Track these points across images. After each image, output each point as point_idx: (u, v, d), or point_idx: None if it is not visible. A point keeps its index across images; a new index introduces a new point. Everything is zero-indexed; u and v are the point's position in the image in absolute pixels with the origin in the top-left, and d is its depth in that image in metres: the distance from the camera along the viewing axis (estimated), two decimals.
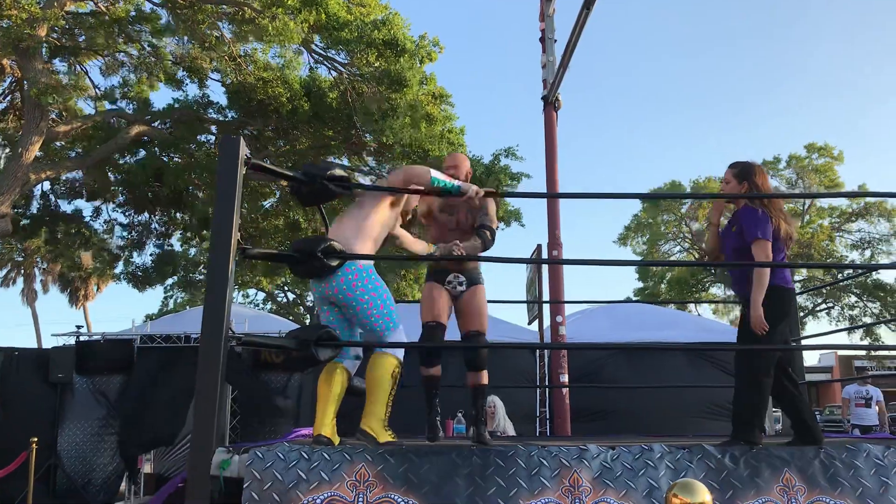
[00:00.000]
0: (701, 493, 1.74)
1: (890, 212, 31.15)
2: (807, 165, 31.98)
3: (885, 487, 3.15)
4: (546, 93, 8.18)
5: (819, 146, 32.13)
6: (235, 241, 3.25)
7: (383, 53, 13.89)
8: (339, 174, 3.71)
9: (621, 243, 34.91)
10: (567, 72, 7.78)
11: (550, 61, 8.16)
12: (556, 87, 7.99)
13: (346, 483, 2.94)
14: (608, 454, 3.14)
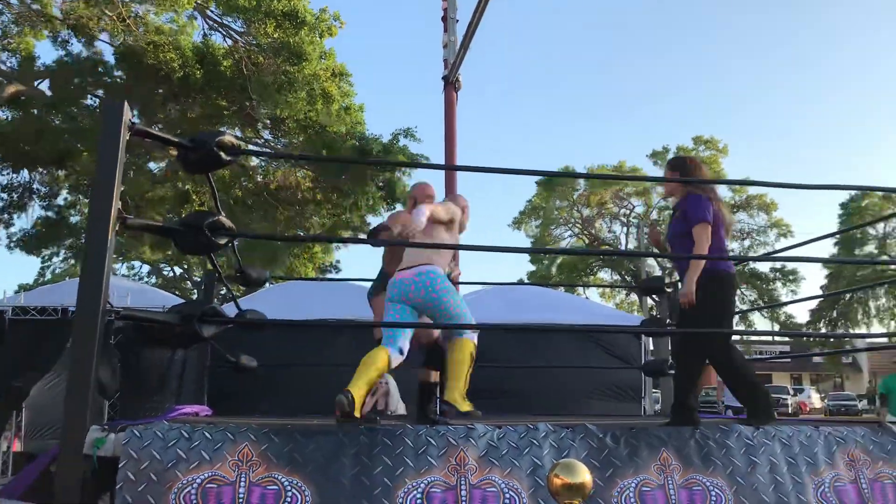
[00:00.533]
0: (581, 473, 1.77)
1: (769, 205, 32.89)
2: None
3: (753, 466, 3.31)
4: (447, 73, 8.16)
5: (706, 139, 33.55)
6: (116, 210, 3.08)
7: (282, 24, 13.57)
8: (229, 141, 3.56)
9: (515, 227, 35.52)
10: (469, 53, 7.78)
11: (452, 41, 8.13)
12: (456, 68, 7.98)
13: (227, 463, 2.85)
14: (494, 433, 3.17)
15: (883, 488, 3.40)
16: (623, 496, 3.09)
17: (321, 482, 2.89)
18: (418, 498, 2.91)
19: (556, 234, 34.66)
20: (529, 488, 3.01)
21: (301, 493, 2.85)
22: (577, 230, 35.15)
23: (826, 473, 3.39)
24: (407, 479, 2.95)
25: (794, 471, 3.34)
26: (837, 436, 3.54)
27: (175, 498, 2.76)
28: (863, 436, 3.58)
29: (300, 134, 15.01)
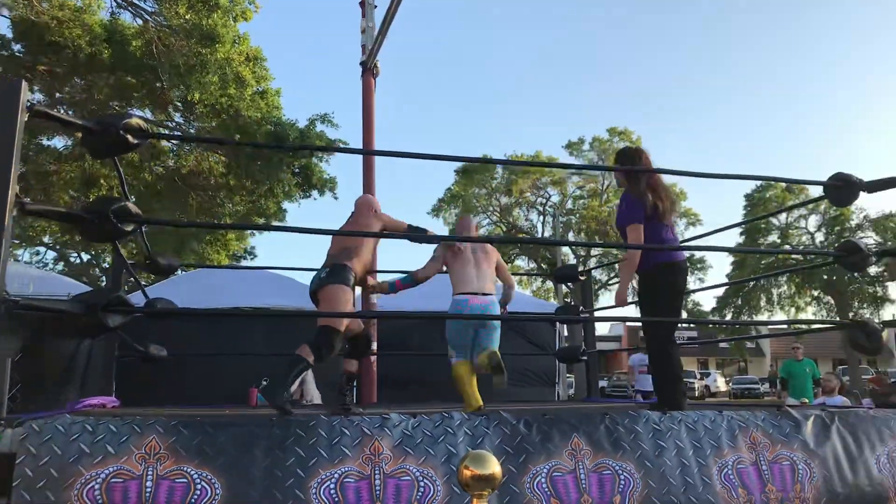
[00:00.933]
0: (491, 465, 1.78)
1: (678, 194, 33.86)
2: (608, 147, 34.02)
3: (661, 450, 3.41)
4: (364, 58, 8.09)
5: (620, 130, 34.29)
6: (13, 193, 2.93)
7: (194, 6, 13.16)
8: (136, 124, 3.42)
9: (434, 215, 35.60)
10: (387, 39, 7.73)
11: (370, 27, 8.07)
12: (374, 54, 7.92)
13: (134, 456, 2.77)
14: (409, 422, 3.17)
15: (781, 469, 3.55)
16: (535, 482, 3.14)
17: (232, 475, 2.83)
18: (332, 489, 2.89)
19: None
20: (444, 476, 3.03)
21: (211, 487, 2.79)
22: (495, 218, 35.47)
23: (729, 456, 3.52)
24: (321, 470, 2.92)
25: (699, 454, 3.46)
26: (739, 420, 3.68)
27: (77, 494, 2.66)
28: (763, 419, 3.73)
29: (213, 118, 14.62)
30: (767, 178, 5.08)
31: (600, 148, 34.29)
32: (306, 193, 16.77)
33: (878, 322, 4.31)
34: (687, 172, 4.54)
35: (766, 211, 30.84)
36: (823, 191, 4.58)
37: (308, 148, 17.23)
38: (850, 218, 32.83)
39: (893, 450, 3.84)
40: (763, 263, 30.39)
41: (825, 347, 42.62)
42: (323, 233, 3.85)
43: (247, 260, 24.84)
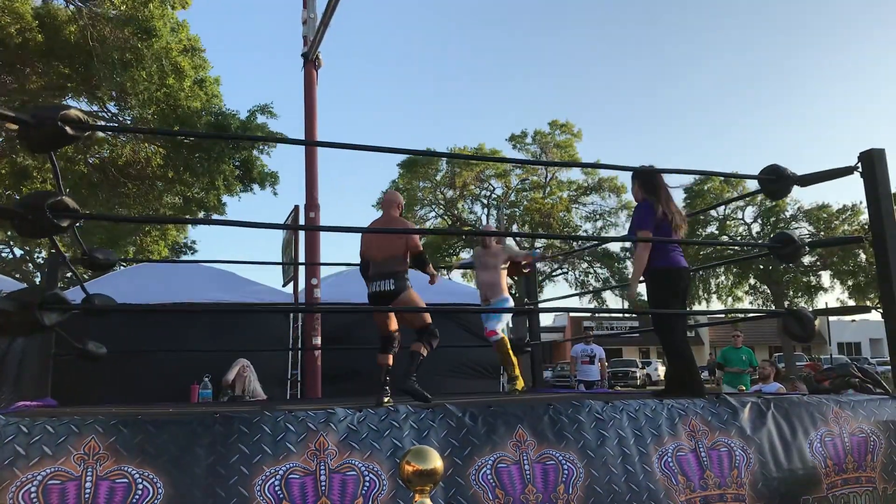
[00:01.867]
0: (433, 460, 1.79)
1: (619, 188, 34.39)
2: (550, 140, 34.34)
3: (603, 439, 3.47)
4: (306, 50, 8.00)
5: (561, 123, 34.63)
6: None
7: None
8: (75, 115, 3.32)
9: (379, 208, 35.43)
10: (329, 30, 7.65)
11: (312, 18, 7.98)
12: (316, 45, 7.83)
13: (72, 457, 2.70)
14: (355, 417, 3.16)
15: (719, 456, 3.65)
16: (480, 474, 3.16)
17: (174, 473, 2.79)
18: (276, 485, 2.87)
19: (420, 215, 34.90)
20: (389, 470, 3.03)
21: (153, 486, 2.74)
22: (440, 211, 35.50)
23: (669, 444, 3.60)
24: (265, 467, 2.90)
25: (640, 443, 3.53)
26: (679, 408, 3.76)
27: (13, 497, 2.59)
28: (702, 407, 3.83)
29: (151, 107, 14.28)
30: (705, 173, 5.21)
31: (542, 141, 34.58)
32: (247, 187, 16.52)
33: (810, 310, 4.46)
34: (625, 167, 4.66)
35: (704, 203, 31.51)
36: (758, 184, 4.71)
37: (250, 139, 16.97)
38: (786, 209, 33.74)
39: (826, 434, 3.97)
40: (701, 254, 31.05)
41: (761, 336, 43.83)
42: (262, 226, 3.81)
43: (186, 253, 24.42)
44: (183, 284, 8.31)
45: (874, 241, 4.45)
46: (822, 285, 34.10)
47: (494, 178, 34.82)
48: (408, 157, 31.44)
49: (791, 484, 3.71)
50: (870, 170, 4.48)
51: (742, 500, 3.56)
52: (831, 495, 3.77)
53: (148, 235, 20.00)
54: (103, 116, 15.75)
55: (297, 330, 8.29)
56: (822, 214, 33.14)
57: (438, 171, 33.90)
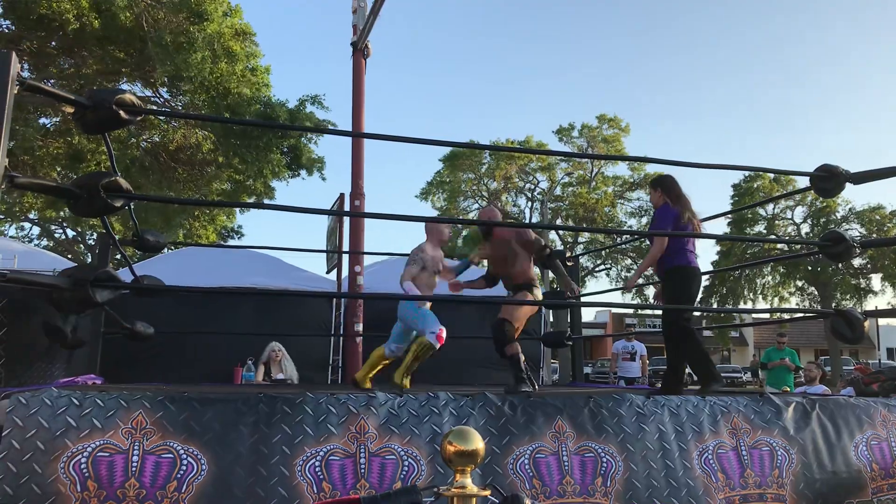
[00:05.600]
0: (474, 441, 1.80)
1: None
2: (597, 135, 34.06)
3: (643, 433, 3.46)
4: (356, 39, 8.03)
5: (609, 118, 34.32)
6: (3, 167, 2.92)
7: None
8: (129, 100, 3.40)
9: (423, 198, 35.58)
10: (379, 20, 7.68)
11: (361, 7, 8.00)
12: (366, 34, 7.86)
13: (120, 431, 2.78)
14: (395, 401, 3.19)
15: (761, 455, 3.61)
16: (518, 463, 3.17)
17: (218, 450, 2.85)
18: (317, 466, 2.91)
19: (462, 207, 34.93)
20: (428, 455, 3.06)
21: (197, 462, 2.81)
22: (483, 203, 35.49)
23: (710, 440, 3.56)
24: (306, 448, 2.94)
25: (680, 438, 3.50)
26: (721, 405, 3.72)
27: (64, 467, 2.67)
28: (745, 405, 3.78)
29: (202, 94, 14.50)
30: (754, 169, 5.13)
31: (589, 135, 34.33)
32: (295, 173, 16.71)
33: (859, 312, 4.36)
34: (675, 162, 4.59)
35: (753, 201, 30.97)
36: (809, 182, 4.62)
37: (297, 129, 17.13)
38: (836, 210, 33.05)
39: (872, 437, 3.90)
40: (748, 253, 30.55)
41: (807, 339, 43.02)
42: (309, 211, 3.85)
43: (234, 238, 24.77)
44: (229, 269, 8.45)
45: None
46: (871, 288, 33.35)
47: (539, 172, 34.67)
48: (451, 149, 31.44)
49: (834, 486, 3.65)
50: None
51: (783, 500, 3.52)
52: (876, 499, 3.71)
53: (197, 220, 20.34)
54: (156, 101, 16.03)
55: (339, 316, 8.38)
56: (875, 216, 32.39)
57: (482, 164, 33.85)
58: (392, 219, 4.13)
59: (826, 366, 29.93)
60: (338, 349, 8.26)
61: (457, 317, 8.65)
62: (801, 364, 10.67)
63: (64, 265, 8.23)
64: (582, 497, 3.18)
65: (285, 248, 12.96)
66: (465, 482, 1.76)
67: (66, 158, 15.66)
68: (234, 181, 16.97)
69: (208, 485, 2.79)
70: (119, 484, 2.69)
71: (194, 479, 2.78)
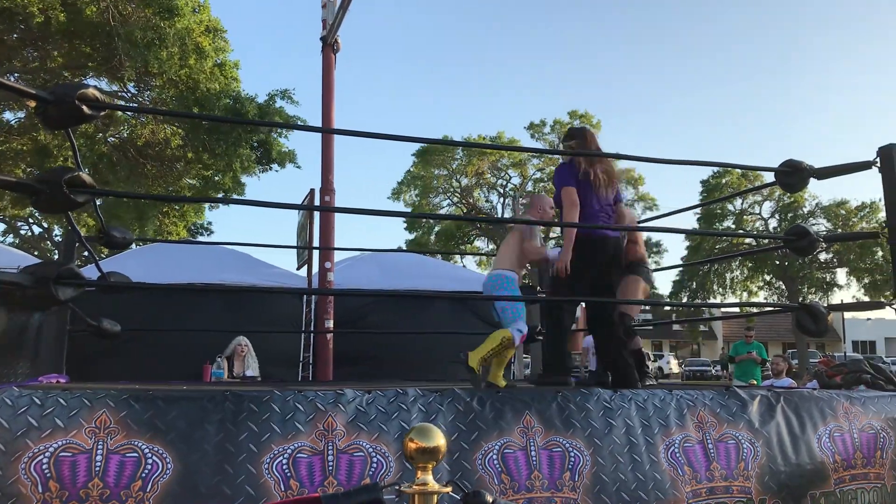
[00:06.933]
0: (436, 438, 1.81)
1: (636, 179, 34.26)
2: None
3: (610, 427, 3.48)
4: (325, 34, 7.99)
5: (581, 113, 34.49)
6: None
7: None
8: (92, 95, 3.34)
9: (395, 198, 35.53)
10: (349, 14, 7.65)
11: (331, 1, 7.97)
12: (335, 29, 7.83)
13: (83, 430, 2.74)
14: (364, 398, 3.18)
15: (727, 448, 3.65)
16: (487, 458, 3.18)
17: (183, 449, 2.82)
18: (284, 464, 2.90)
19: (434, 203, 34.93)
20: (396, 452, 3.05)
21: (162, 461, 2.78)
22: (455, 199, 35.50)
23: (676, 434, 3.60)
24: (273, 445, 2.92)
25: (647, 432, 3.53)
26: (688, 399, 3.76)
27: (25, 468, 2.63)
28: (711, 399, 3.82)
29: (170, 89, 14.34)
30: (721, 164, 5.18)
31: (561, 130, 34.47)
32: (265, 168, 16.61)
33: (824, 306, 4.43)
34: (644, 158, 4.61)
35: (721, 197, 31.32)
36: (774, 177, 4.68)
37: (266, 125, 17.00)
38: (803, 205, 33.53)
39: (835, 429, 3.96)
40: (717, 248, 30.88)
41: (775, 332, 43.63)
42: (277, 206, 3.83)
43: (203, 235, 24.57)
44: (198, 265, 8.37)
45: (890, 237, 4.41)
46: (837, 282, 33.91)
47: (511, 168, 34.76)
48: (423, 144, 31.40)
49: (798, 478, 3.70)
50: (888, 165, 4.42)
51: (748, 492, 3.56)
52: (839, 490, 3.77)
53: (167, 217, 20.14)
54: (123, 97, 15.85)
55: (309, 313, 8.34)
56: (840, 211, 32.92)
57: (454, 160, 33.87)
58: (363, 213, 4.11)
59: (793, 359, 30.39)
60: (309, 346, 8.24)
61: (427, 312, 8.66)
62: (769, 357, 10.82)
63: (30, 262, 8.10)
64: (550, 491, 3.20)
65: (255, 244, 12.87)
66: (426, 479, 1.76)
67: (31, 154, 15.42)
68: (204, 177, 16.83)
69: (174, 483, 2.76)
70: (82, 484, 2.66)
71: (159, 478, 2.75)
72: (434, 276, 9.48)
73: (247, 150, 15.56)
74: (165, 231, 20.37)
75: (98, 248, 8.84)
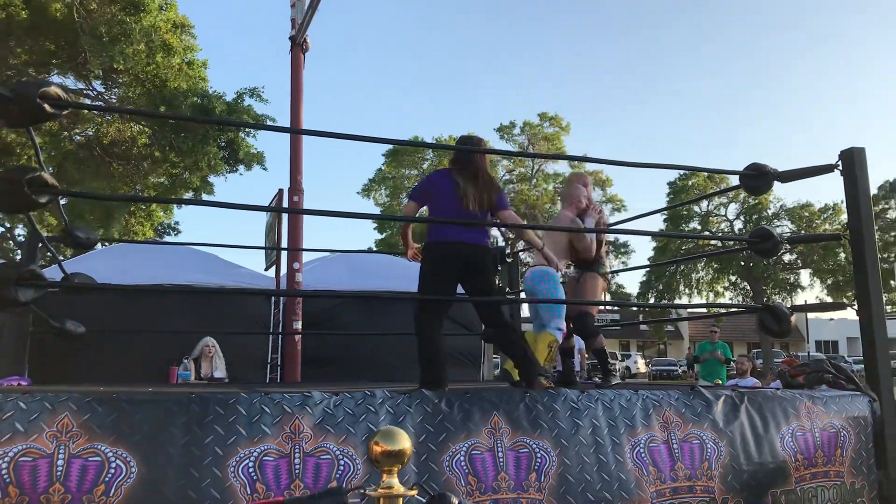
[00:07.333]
0: (401, 441, 1.81)
1: (605, 181, 34.51)
2: (538, 132, 34.38)
3: (577, 428, 3.50)
4: (294, 33, 7.95)
5: (550, 116, 34.66)
6: None
7: None
8: (54, 92, 3.29)
9: (364, 195, 35.44)
10: (318, 14, 7.62)
11: (300, 1, 7.93)
12: (304, 29, 7.79)
13: (45, 434, 2.70)
14: (331, 400, 3.17)
15: (691, 448, 3.69)
16: (454, 460, 3.18)
17: (148, 453, 2.79)
18: (250, 467, 2.88)
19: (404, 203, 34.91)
20: (364, 455, 3.04)
21: (126, 465, 2.74)
22: None
23: (642, 434, 3.63)
24: (239, 448, 2.90)
25: (613, 432, 3.56)
26: (654, 399, 3.80)
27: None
28: (677, 399, 3.86)
29: (137, 87, 14.16)
30: (687, 168, 5.24)
31: (530, 132, 34.63)
32: (233, 168, 16.44)
33: (787, 307, 4.50)
34: (612, 161, 4.66)
35: (688, 198, 31.66)
36: (739, 180, 4.74)
37: (234, 124, 16.84)
38: (768, 207, 34.01)
39: (797, 428, 4.02)
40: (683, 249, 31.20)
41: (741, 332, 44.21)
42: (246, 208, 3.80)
43: (171, 235, 24.29)
44: (165, 266, 8.27)
45: (852, 238, 4.49)
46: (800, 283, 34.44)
47: None
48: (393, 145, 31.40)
49: (760, 477, 3.76)
50: (849, 168, 4.51)
51: (711, 492, 3.61)
52: (799, 488, 3.83)
53: (134, 216, 19.88)
54: (89, 94, 15.62)
55: (278, 314, 8.28)
56: (804, 213, 33.45)
57: (425, 160, 33.88)
58: (331, 215, 4.09)
59: (758, 358, 30.82)
60: (276, 347, 8.17)
61: (397, 313, 8.64)
62: (733, 357, 10.96)
63: None
64: (516, 493, 3.21)
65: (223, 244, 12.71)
66: (392, 482, 1.76)
67: None
68: (171, 176, 16.63)
69: (138, 488, 2.73)
70: (43, 489, 2.62)
71: (123, 482, 2.72)
72: (404, 277, 9.41)
73: (214, 147, 15.38)
74: (132, 231, 20.11)
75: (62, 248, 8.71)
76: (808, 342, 39.82)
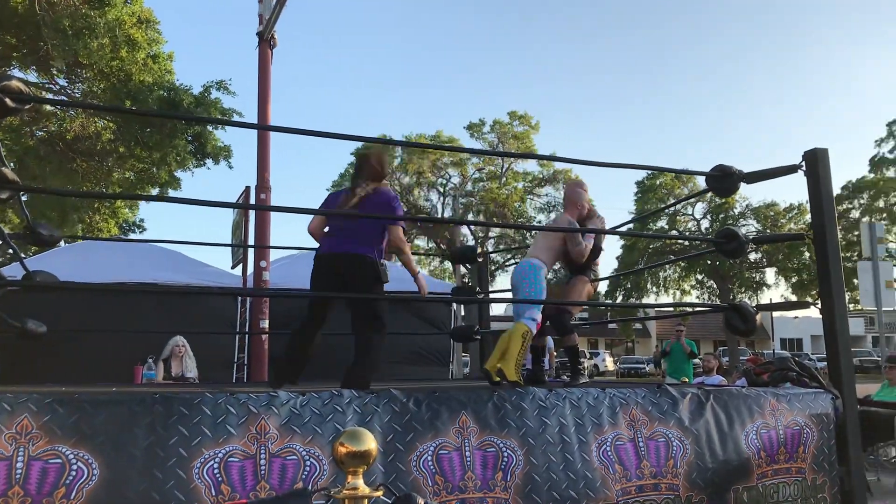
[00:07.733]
0: (367, 442, 1.80)
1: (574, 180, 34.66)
2: (508, 131, 34.46)
3: (544, 426, 3.51)
4: (261, 28, 7.89)
5: (520, 114, 34.74)
6: None
7: None
8: (16, 87, 3.23)
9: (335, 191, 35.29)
10: (286, 9, 7.56)
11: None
12: (272, 24, 7.74)
13: (3, 436, 2.64)
14: (298, 400, 3.14)
15: (657, 446, 3.72)
16: (422, 459, 3.18)
17: (111, 454, 2.74)
18: (215, 468, 2.84)
19: None
20: (331, 455, 3.02)
21: (88, 467, 2.70)
22: None
23: (609, 433, 3.66)
24: (204, 449, 2.87)
25: (580, 431, 3.58)
26: (621, 397, 3.82)
27: None
28: (643, 397, 3.89)
29: (101, 81, 13.93)
30: (655, 168, 5.28)
31: (500, 131, 34.69)
32: (200, 162, 16.22)
33: (752, 306, 4.56)
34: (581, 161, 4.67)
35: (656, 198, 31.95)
36: (706, 182, 4.79)
37: (202, 120, 16.62)
38: (734, 206, 34.42)
39: (762, 426, 4.07)
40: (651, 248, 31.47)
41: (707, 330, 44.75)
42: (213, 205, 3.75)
43: (136, 232, 23.96)
44: (129, 263, 8.16)
45: (815, 238, 4.55)
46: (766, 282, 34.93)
47: (451, 167, 34.83)
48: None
49: (724, 474, 3.80)
50: (813, 169, 4.58)
51: (676, 489, 3.64)
52: (760, 485, 3.88)
53: (98, 213, 19.56)
54: (52, 89, 15.34)
55: (245, 313, 8.21)
56: (770, 212, 33.90)
57: (394, 157, 33.77)
58: (299, 212, 4.07)
59: (724, 356, 31.21)
60: (243, 347, 8.11)
61: None
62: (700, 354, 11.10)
63: None
64: (482, 492, 3.22)
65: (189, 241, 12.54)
66: (357, 483, 1.75)
67: None
68: (138, 171, 16.38)
69: (100, 490, 2.69)
70: (1, 492, 2.56)
71: (84, 484, 2.68)
72: None
73: (182, 140, 15.17)
74: (96, 228, 19.80)
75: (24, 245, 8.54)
76: (773, 340, 40.43)
